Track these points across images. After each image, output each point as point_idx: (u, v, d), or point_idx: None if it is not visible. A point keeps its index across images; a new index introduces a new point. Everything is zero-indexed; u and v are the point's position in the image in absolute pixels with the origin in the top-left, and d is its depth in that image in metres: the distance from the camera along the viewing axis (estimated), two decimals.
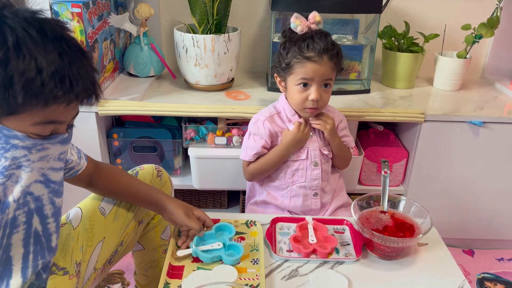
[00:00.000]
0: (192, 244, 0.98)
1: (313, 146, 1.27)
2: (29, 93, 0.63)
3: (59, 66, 0.64)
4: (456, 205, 1.66)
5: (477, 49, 1.79)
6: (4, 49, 0.61)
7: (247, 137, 1.29)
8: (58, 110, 0.68)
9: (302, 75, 1.17)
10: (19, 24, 0.63)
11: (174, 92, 1.61)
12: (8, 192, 0.72)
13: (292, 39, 1.20)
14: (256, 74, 1.86)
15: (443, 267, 0.99)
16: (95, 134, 1.48)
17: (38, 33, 0.64)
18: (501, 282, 1.61)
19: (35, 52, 0.63)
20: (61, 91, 0.65)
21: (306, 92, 1.18)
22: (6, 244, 0.76)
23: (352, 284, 0.93)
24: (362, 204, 1.08)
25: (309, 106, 1.19)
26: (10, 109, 0.65)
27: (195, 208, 1.05)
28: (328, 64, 1.16)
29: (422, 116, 1.49)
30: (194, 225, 1.00)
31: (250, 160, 1.28)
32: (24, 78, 0.62)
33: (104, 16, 1.49)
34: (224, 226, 1.05)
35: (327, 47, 1.15)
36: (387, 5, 1.73)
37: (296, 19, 1.19)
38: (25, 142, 0.70)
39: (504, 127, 1.51)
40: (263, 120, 1.26)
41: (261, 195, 1.34)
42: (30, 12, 0.65)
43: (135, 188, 1.03)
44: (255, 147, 1.26)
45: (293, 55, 1.17)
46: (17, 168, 0.71)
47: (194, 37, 1.49)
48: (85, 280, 0.96)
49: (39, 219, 0.79)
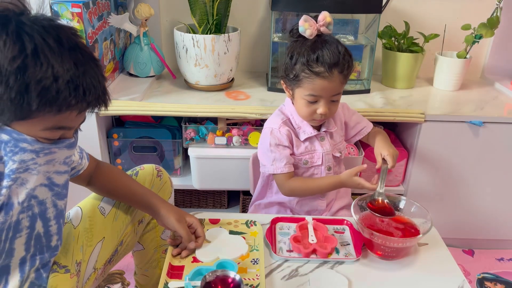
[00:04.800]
0: (187, 277, 0.89)
1: (326, 151, 1.24)
2: (43, 100, 0.65)
3: (74, 75, 0.66)
4: (456, 205, 1.66)
5: (477, 49, 1.79)
6: (22, 56, 0.63)
7: (268, 149, 1.21)
8: (69, 117, 0.70)
9: (311, 91, 1.12)
10: (37, 32, 0.64)
11: (174, 92, 1.61)
12: (13, 194, 0.73)
13: (300, 47, 1.13)
14: (256, 74, 1.86)
15: (443, 267, 0.99)
16: (95, 134, 1.48)
17: (55, 41, 0.65)
18: (501, 282, 1.61)
19: (52, 61, 0.64)
20: (75, 99, 0.67)
21: (314, 106, 1.15)
22: (8, 249, 0.77)
23: (352, 284, 0.93)
24: (362, 204, 1.08)
25: (317, 118, 1.18)
26: (23, 114, 0.67)
27: (188, 214, 1.03)
28: (338, 79, 1.11)
29: (422, 116, 1.49)
30: (183, 232, 0.97)
31: (284, 171, 1.20)
32: (40, 86, 0.64)
33: (104, 16, 1.50)
34: (226, 264, 0.93)
35: (337, 61, 1.09)
36: (387, 5, 1.74)
37: (305, 22, 1.12)
38: (33, 146, 0.71)
39: (504, 127, 1.51)
40: (278, 128, 1.20)
41: (269, 198, 1.34)
42: (48, 20, 0.67)
43: (131, 190, 1.03)
44: (283, 157, 1.19)
45: (301, 68, 1.12)
46: (24, 171, 0.72)
47: (194, 37, 1.49)
48: (84, 280, 0.96)
49: (42, 222, 0.80)
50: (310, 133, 1.22)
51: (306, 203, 1.29)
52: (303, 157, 1.23)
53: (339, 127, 1.28)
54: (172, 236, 1.03)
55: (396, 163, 1.58)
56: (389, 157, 1.15)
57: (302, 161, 1.24)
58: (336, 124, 1.27)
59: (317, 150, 1.23)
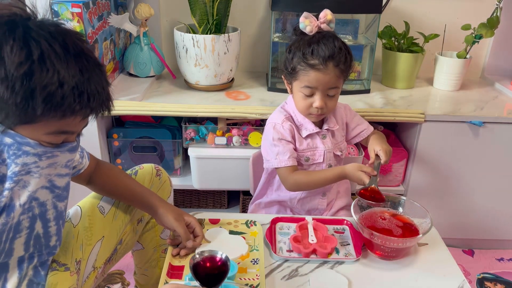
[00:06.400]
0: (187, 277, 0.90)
1: (328, 149, 1.24)
2: (48, 105, 0.66)
3: (79, 81, 0.67)
4: (456, 205, 1.66)
5: (477, 49, 1.79)
6: (29, 62, 0.63)
7: (271, 144, 1.21)
8: (73, 122, 0.72)
9: (306, 83, 1.14)
10: (43, 38, 0.65)
11: (174, 92, 1.61)
12: (15, 196, 0.74)
13: (298, 42, 1.16)
14: (256, 74, 1.86)
15: (443, 267, 0.99)
16: (95, 134, 1.48)
17: (61, 47, 0.66)
18: (501, 282, 1.61)
19: (58, 67, 0.65)
20: (79, 105, 0.68)
21: (310, 99, 1.16)
22: (8, 249, 0.78)
23: (352, 284, 0.93)
24: (362, 204, 1.08)
25: (313, 112, 1.18)
26: (27, 119, 0.68)
27: (187, 214, 1.04)
28: (333, 72, 1.12)
29: (422, 116, 1.49)
30: (181, 231, 0.98)
31: (288, 165, 1.19)
32: (46, 91, 0.65)
33: (104, 16, 1.50)
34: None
35: (332, 54, 1.11)
36: (387, 5, 1.74)
37: (306, 19, 1.15)
38: (36, 149, 0.72)
39: (504, 127, 1.51)
40: (281, 123, 1.21)
41: (270, 196, 1.34)
42: (54, 25, 0.67)
43: (130, 189, 1.03)
44: (286, 150, 1.20)
45: (297, 61, 1.14)
46: (26, 174, 0.73)
47: (194, 37, 1.49)
48: (84, 278, 0.96)
49: (42, 223, 0.81)
50: (312, 130, 1.22)
51: (307, 202, 1.29)
52: (305, 153, 1.24)
53: (340, 126, 1.29)
54: (172, 236, 1.03)
55: (396, 163, 1.60)
56: (382, 152, 1.16)
57: (304, 157, 1.24)
58: (338, 123, 1.27)
59: (319, 148, 1.24)
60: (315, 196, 1.29)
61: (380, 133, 1.32)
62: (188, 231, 0.99)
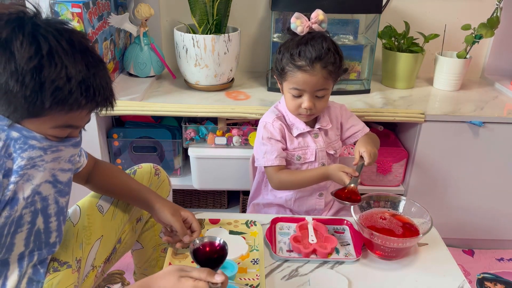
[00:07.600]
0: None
1: (320, 147, 1.25)
2: (56, 99, 0.68)
3: (85, 76, 0.70)
4: (456, 205, 1.66)
5: (477, 49, 1.79)
6: (38, 57, 0.66)
7: (260, 143, 1.23)
8: (79, 116, 0.74)
9: (294, 84, 1.14)
10: (51, 34, 0.67)
11: (174, 92, 1.61)
12: (19, 190, 0.75)
13: (288, 43, 1.16)
14: (256, 74, 1.86)
15: (443, 267, 0.99)
16: (95, 134, 1.48)
17: (68, 44, 0.68)
18: (501, 282, 1.61)
19: (66, 62, 0.67)
20: (85, 99, 0.71)
21: (299, 99, 1.17)
22: (9, 244, 0.78)
23: (352, 284, 0.93)
24: (362, 204, 1.08)
25: (303, 113, 1.19)
26: (35, 112, 0.70)
27: (183, 209, 1.04)
28: (321, 74, 1.12)
29: (422, 116, 1.49)
30: (178, 225, 0.98)
31: (274, 164, 1.20)
32: (54, 85, 0.67)
33: (104, 16, 1.50)
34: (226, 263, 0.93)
35: (320, 55, 1.10)
36: (387, 5, 1.74)
37: (297, 19, 1.16)
38: (42, 143, 0.74)
39: (504, 127, 1.51)
40: (272, 122, 1.23)
41: (266, 196, 1.34)
42: (60, 23, 0.70)
43: (128, 186, 1.04)
44: (274, 150, 1.21)
45: (286, 62, 1.14)
46: (31, 168, 0.75)
47: (194, 37, 1.49)
48: (83, 277, 0.96)
49: (43, 218, 0.82)
50: (303, 129, 1.23)
51: (303, 202, 1.30)
52: (296, 152, 1.24)
53: (334, 126, 1.29)
54: (164, 230, 1.03)
55: (396, 163, 1.60)
56: (366, 154, 1.16)
57: (295, 156, 1.24)
58: (332, 122, 1.27)
59: (310, 146, 1.24)
60: (311, 196, 1.29)
61: (372, 134, 1.31)
62: (184, 226, 1.00)
